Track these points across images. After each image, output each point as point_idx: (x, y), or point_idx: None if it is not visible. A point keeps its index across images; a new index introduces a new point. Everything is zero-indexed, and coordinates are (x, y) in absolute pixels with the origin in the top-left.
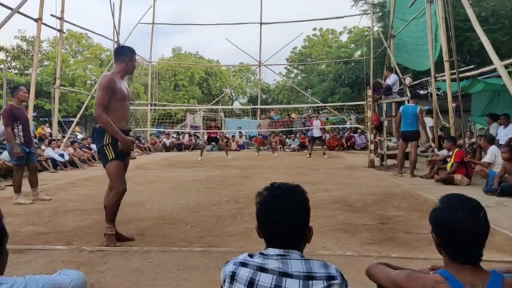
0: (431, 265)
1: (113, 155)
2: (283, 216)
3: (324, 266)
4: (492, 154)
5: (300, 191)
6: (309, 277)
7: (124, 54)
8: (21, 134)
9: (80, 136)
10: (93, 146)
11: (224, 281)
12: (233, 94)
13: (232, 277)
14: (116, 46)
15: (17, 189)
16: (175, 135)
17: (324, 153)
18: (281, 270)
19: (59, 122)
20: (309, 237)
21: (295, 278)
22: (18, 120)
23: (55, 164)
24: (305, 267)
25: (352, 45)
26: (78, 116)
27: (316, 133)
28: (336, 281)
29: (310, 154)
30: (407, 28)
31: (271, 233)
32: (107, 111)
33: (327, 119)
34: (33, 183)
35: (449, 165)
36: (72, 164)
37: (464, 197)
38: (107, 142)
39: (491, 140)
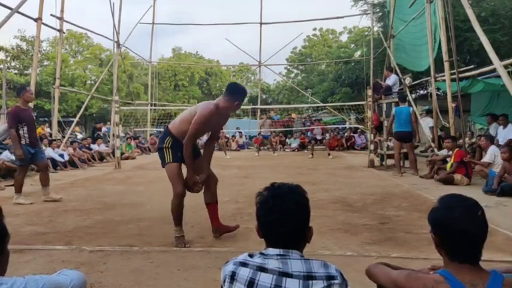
0: (431, 265)
1: (171, 158)
2: (284, 216)
3: (324, 266)
4: (492, 154)
5: (300, 191)
6: (308, 277)
7: (238, 95)
8: (26, 135)
9: (79, 136)
10: (93, 146)
11: (224, 281)
12: None
13: (232, 277)
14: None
15: (18, 189)
16: None
17: (329, 154)
18: (281, 270)
19: (59, 122)
20: (309, 237)
21: (295, 278)
22: (23, 122)
23: (55, 164)
24: (305, 267)
25: (352, 45)
26: (78, 116)
27: (318, 136)
28: (336, 281)
29: (312, 154)
30: (405, 28)
31: (271, 233)
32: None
33: (320, 119)
34: (44, 182)
35: (449, 165)
36: (72, 164)
37: (462, 196)
38: (167, 145)
39: (492, 140)
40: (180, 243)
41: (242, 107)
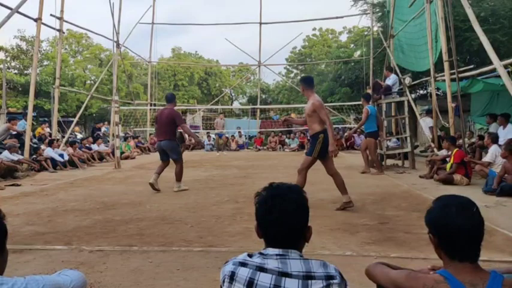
0: (431, 265)
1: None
2: (283, 216)
3: (323, 266)
4: (493, 154)
5: (298, 191)
6: (308, 277)
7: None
8: None
9: (79, 136)
10: (93, 146)
11: (223, 281)
12: (233, 94)
13: (232, 277)
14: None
15: None
16: None
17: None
18: (280, 270)
19: (59, 122)
20: (308, 237)
21: (295, 278)
22: None
23: (55, 164)
24: (304, 266)
25: (352, 45)
26: (78, 116)
27: None
28: (335, 281)
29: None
30: (405, 28)
31: (270, 233)
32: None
33: None
34: None
35: (448, 165)
36: (71, 164)
37: (456, 195)
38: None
39: (495, 139)
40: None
41: (242, 107)
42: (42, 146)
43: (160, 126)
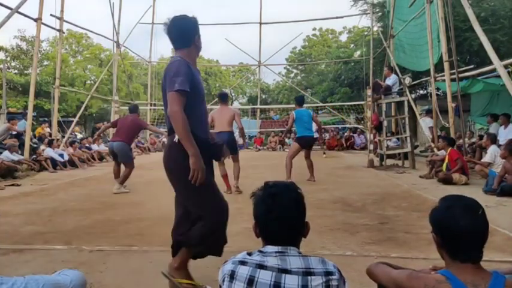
0: (432, 265)
1: None
2: (283, 213)
3: (322, 262)
4: (492, 154)
5: (294, 188)
6: (307, 273)
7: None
8: None
9: (79, 136)
10: (93, 146)
11: (223, 280)
12: (233, 94)
13: (232, 276)
14: (114, 45)
15: None
16: None
17: (324, 153)
18: (280, 267)
19: (59, 122)
20: (305, 232)
21: (294, 274)
22: None
23: (55, 164)
24: (303, 263)
25: (352, 45)
26: (78, 115)
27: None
28: (334, 277)
29: (324, 153)
30: (405, 28)
31: (271, 231)
32: None
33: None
34: None
35: (444, 165)
36: (71, 164)
37: (463, 196)
38: None
39: (494, 139)
40: None
41: (242, 106)
42: (42, 146)
43: (121, 128)
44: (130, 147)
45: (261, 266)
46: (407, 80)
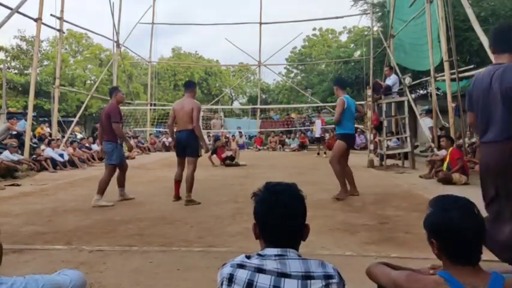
0: (431, 264)
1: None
2: (286, 213)
3: (322, 265)
4: None
5: (296, 188)
6: (307, 277)
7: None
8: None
9: (79, 136)
10: (93, 146)
11: (222, 284)
12: (233, 94)
13: (230, 279)
14: (114, 45)
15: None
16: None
17: (325, 153)
18: (279, 270)
19: (59, 122)
20: (305, 235)
21: (294, 278)
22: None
23: (55, 164)
24: (303, 266)
25: (352, 45)
26: (78, 115)
27: (317, 133)
28: (333, 280)
29: (319, 153)
30: (405, 28)
31: (272, 232)
32: None
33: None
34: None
35: (445, 165)
36: (71, 164)
37: (453, 196)
38: None
39: None
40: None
41: (242, 106)
42: (42, 146)
43: (101, 125)
44: (112, 145)
45: (260, 270)
46: (408, 80)
